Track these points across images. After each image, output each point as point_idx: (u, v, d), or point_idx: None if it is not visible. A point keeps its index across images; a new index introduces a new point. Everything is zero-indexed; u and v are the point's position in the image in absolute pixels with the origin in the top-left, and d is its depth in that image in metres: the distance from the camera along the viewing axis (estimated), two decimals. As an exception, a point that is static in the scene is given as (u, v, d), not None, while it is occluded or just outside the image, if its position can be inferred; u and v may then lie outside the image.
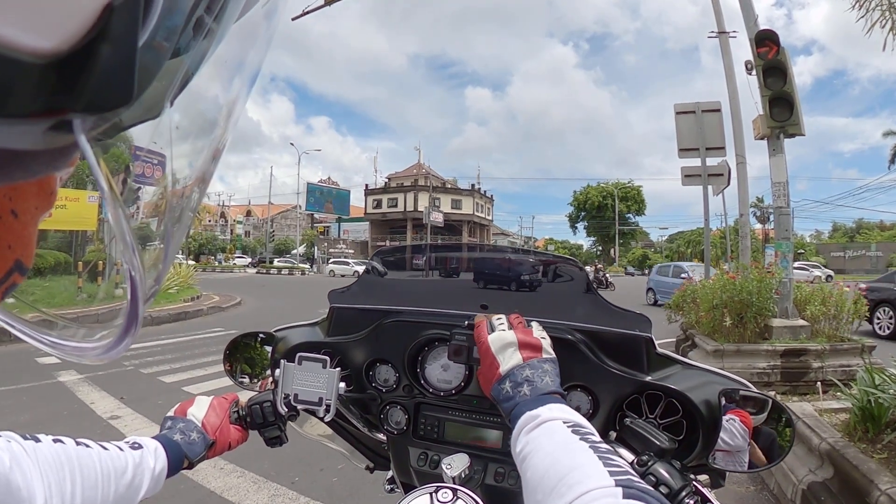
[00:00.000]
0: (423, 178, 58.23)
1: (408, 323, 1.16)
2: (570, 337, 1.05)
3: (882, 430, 3.08)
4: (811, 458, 3.34)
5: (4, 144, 0.18)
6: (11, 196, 0.23)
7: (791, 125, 6.90)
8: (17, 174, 0.20)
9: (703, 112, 9.67)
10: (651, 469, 0.83)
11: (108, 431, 4.43)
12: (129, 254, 0.23)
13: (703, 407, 0.98)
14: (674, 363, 1.07)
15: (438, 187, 58.60)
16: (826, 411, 3.78)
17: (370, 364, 1.19)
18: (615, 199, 62.90)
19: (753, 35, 7.07)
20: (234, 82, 0.27)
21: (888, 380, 3.22)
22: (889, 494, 2.43)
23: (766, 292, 6.79)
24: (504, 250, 1.59)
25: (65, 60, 0.17)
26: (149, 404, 5.25)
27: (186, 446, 0.93)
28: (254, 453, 3.88)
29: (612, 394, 1.04)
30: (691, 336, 7.90)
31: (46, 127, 0.19)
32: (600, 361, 1.05)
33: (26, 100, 0.17)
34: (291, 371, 1.04)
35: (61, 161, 0.22)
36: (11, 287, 0.25)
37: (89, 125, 0.19)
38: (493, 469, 1.07)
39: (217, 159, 0.28)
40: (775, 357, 6.31)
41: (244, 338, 1.29)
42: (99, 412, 4.97)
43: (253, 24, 0.27)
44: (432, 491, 0.81)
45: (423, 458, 1.12)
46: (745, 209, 8.96)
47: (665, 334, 9.16)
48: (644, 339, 1.07)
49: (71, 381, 5.99)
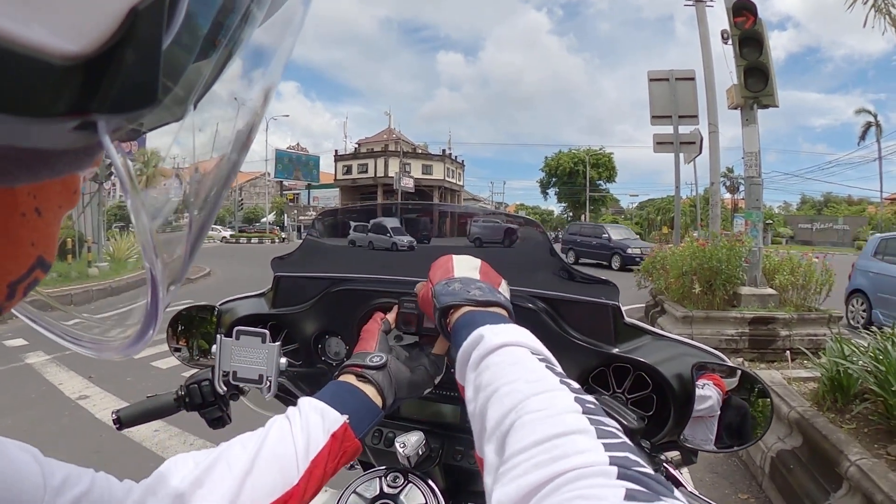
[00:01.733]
0: (394, 143, 57.44)
1: (356, 291, 1.08)
2: (531, 305, 0.98)
3: (851, 400, 3.17)
4: (780, 426, 3.42)
5: (31, 144, 0.19)
6: (36, 194, 0.24)
7: (765, 96, 6.95)
8: (44, 173, 0.21)
9: (677, 80, 9.68)
10: None
11: (77, 412, 4.31)
12: (151, 254, 0.23)
13: (675, 381, 0.91)
14: (643, 333, 0.99)
15: (409, 153, 57.88)
16: (795, 380, 3.87)
17: (319, 336, 1.13)
18: (586, 166, 63.11)
19: (731, 4, 7.02)
20: (255, 85, 0.27)
21: (857, 350, 3.30)
22: (858, 465, 2.50)
23: (736, 260, 6.93)
24: (464, 209, 1.48)
25: (90, 63, 0.18)
26: (118, 382, 5.14)
27: None
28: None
29: (576, 367, 0.97)
30: (661, 302, 8.05)
31: (71, 127, 0.19)
32: (563, 332, 0.98)
33: (53, 101, 0.17)
34: (229, 347, 0.95)
35: (86, 161, 0.22)
36: (33, 283, 0.26)
37: (113, 126, 0.20)
38: (452, 447, 1.00)
39: (244, 154, 0.28)
40: (744, 324, 6.47)
41: (188, 311, 1.21)
42: (67, 393, 4.84)
43: (281, 23, 0.27)
44: (382, 475, 0.77)
45: (378, 436, 1.03)
46: (717, 178, 9.08)
47: (634, 300, 9.30)
48: (611, 308, 0.99)
49: (39, 363, 5.82)
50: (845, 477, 2.56)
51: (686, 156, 10.46)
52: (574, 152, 67.60)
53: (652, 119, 9.92)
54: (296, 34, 0.28)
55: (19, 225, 0.23)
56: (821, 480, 2.77)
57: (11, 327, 7.27)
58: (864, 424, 2.95)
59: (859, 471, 2.48)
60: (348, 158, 59.05)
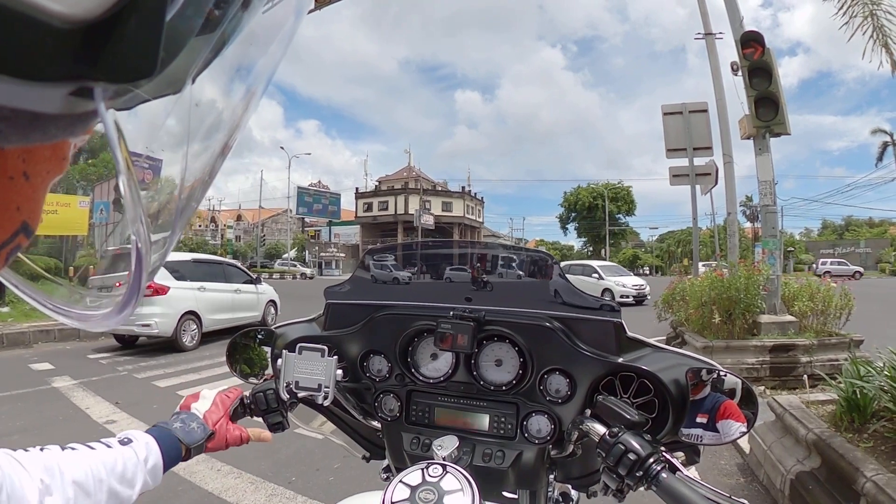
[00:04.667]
0: (414, 180, 58.14)
1: (398, 316, 1.24)
2: (549, 325, 1.14)
3: (868, 419, 3.16)
4: (798, 448, 3.42)
5: (25, 106, 0.19)
6: (25, 158, 0.23)
7: (776, 124, 7.02)
8: (35, 136, 0.20)
9: (690, 112, 9.80)
10: (621, 439, 0.88)
11: (105, 436, 4.33)
12: (138, 224, 0.23)
13: (673, 386, 1.05)
14: (644, 346, 1.14)
15: (429, 190, 58.54)
16: (812, 403, 3.86)
17: (364, 355, 1.27)
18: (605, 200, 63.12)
19: (739, 36, 7.19)
20: (255, 68, 0.27)
21: (873, 371, 3.30)
22: (874, 481, 2.50)
23: (754, 289, 6.90)
24: (488, 246, 1.67)
25: (91, 28, 0.18)
26: (144, 408, 5.27)
27: (184, 434, 0.95)
28: (251, 455, 3.93)
29: (587, 375, 1.11)
30: (681, 333, 8.00)
31: (67, 92, 0.19)
32: (575, 346, 1.12)
33: (51, 64, 0.17)
34: (293, 360, 1.11)
35: (79, 127, 0.22)
36: (16, 248, 0.25)
37: (110, 94, 0.20)
38: (481, 451, 1.14)
39: (232, 142, 0.28)
40: (764, 352, 6.41)
41: (242, 338, 1.37)
42: (94, 417, 4.98)
43: (280, 12, 0.27)
44: (423, 467, 0.87)
45: (416, 442, 1.19)
46: (733, 207, 9.08)
47: (654, 332, 9.25)
48: (614, 324, 1.14)
49: (65, 387, 5.98)
50: (862, 493, 2.55)
51: (702, 187, 10.51)
52: (593, 187, 67.70)
53: (667, 152, 10.03)
54: (286, 42, 0.28)
55: (6, 188, 0.23)
56: (839, 498, 2.76)
57: (37, 352, 7.52)
58: (881, 442, 2.94)
59: (875, 486, 2.48)
60: (369, 196, 59.86)
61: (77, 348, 8.89)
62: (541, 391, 1.15)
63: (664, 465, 0.84)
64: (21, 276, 0.29)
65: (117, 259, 0.36)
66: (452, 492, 0.83)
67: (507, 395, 1.18)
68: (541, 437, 1.14)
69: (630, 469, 0.86)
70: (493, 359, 1.19)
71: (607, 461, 0.88)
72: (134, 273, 0.25)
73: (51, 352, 8.39)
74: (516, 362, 1.17)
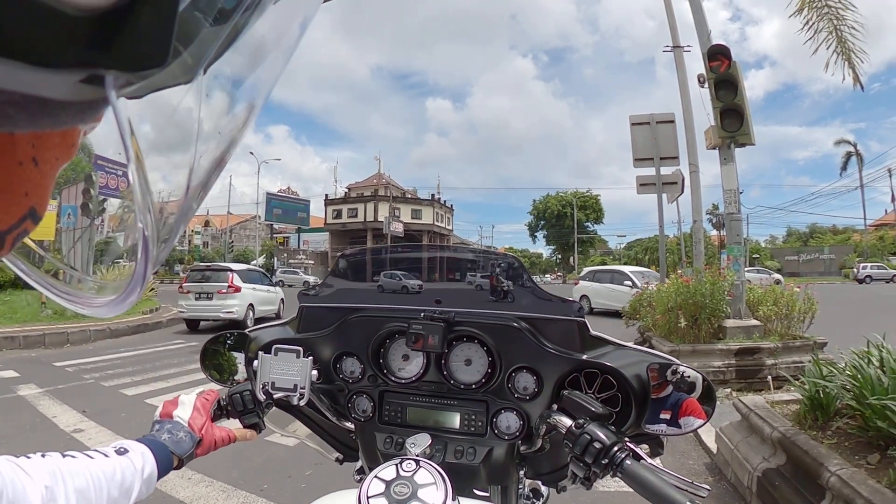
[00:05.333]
0: (384, 188, 58.04)
1: (370, 318, 1.27)
2: (516, 325, 1.19)
3: (831, 417, 3.28)
4: (764, 446, 3.52)
5: (36, 92, 0.19)
6: (35, 144, 0.23)
7: (741, 135, 7.25)
8: (45, 122, 0.20)
9: (658, 123, 10.05)
10: (587, 429, 0.92)
11: (73, 444, 4.29)
12: (146, 213, 0.23)
13: (635, 381, 1.12)
14: (607, 344, 1.20)
15: (398, 197, 58.48)
16: (777, 403, 3.98)
17: (337, 357, 1.30)
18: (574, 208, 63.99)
19: (706, 49, 7.40)
20: (266, 61, 0.27)
21: (835, 371, 3.42)
22: (839, 475, 2.59)
23: (719, 294, 7.07)
24: (457, 249, 1.71)
25: (104, 16, 0.18)
26: (111, 417, 5.14)
27: (174, 445, 0.96)
28: (222, 463, 3.85)
29: (553, 372, 1.16)
30: (648, 338, 8.15)
31: (78, 79, 0.19)
32: (542, 345, 1.17)
33: (63, 51, 0.18)
34: (268, 361, 1.12)
35: (89, 114, 0.22)
36: (23, 234, 0.25)
37: (121, 82, 0.20)
38: (453, 448, 1.18)
39: (240, 137, 0.28)
40: (730, 356, 6.57)
41: (212, 343, 1.38)
42: (62, 426, 4.84)
43: (294, 4, 0.27)
44: (397, 463, 0.90)
45: (389, 441, 1.22)
46: (699, 216, 9.32)
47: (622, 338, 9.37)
48: (578, 324, 1.20)
49: (31, 395, 5.81)
50: (827, 487, 2.65)
51: (669, 196, 10.77)
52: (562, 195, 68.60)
53: (635, 161, 10.27)
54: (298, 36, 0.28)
55: (15, 173, 0.23)
56: (805, 493, 2.85)
57: (2, 359, 7.27)
58: (844, 439, 3.05)
59: (840, 480, 2.57)
60: (338, 203, 59.50)
61: (42, 356, 8.60)
62: (509, 389, 1.19)
63: (628, 453, 0.88)
64: (27, 261, 0.29)
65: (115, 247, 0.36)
66: (426, 485, 0.86)
67: (477, 393, 1.21)
68: (510, 434, 1.18)
69: (596, 457, 0.89)
70: (462, 359, 1.23)
71: (574, 451, 0.92)
72: (140, 262, 0.25)
73: (16, 359, 8.09)
74: (485, 361, 1.21)
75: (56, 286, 0.30)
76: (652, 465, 0.87)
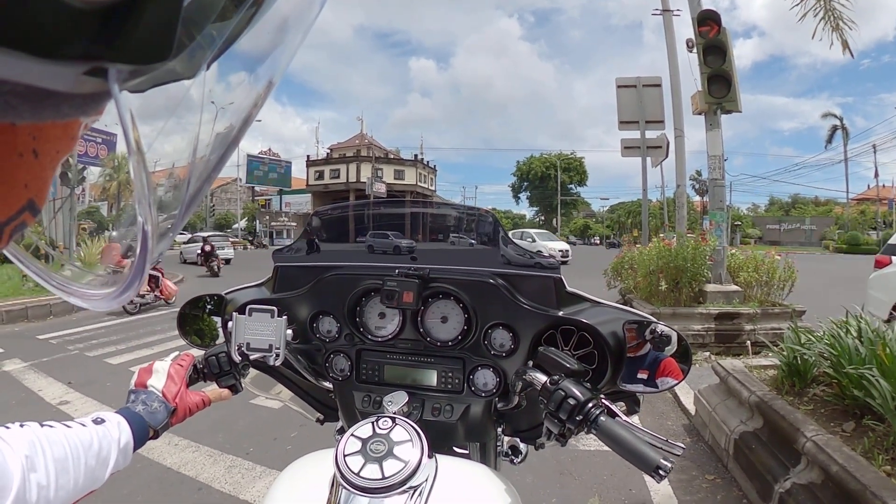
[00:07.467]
0: (366, 148, 57.21)
1: (346, 276, 1.26)
2: (492, 281, 1.18)
3: (808, 384, 3.38)
4: (742, 410, 3.62)
5: (40, 83, 0.19)
6: (36, 135, 0.23)
7: (728, 102, 7.23)
8: (47, 113, 0.21)
9: (644, 86, 9.99)
10: (561, 385, 0.93)
11: (59, 417, 4.14)
12: (145, 206, 0.23)
13: (611, 338, 1.11)
14: (583, 301, 1.19)
15: (381, 158, 57.72)
16: (755, 368, 4.08)
17: (314, 316, 1.29)
18: (558, 170, 64.01)
19: (696, 14, 7.30)
20: (272, 56, 0.27)
21: (813, 338, 3.51)
22: (815, 441, 2.68)
23: (701, 259, 7.16)
24: (432, 205, 1.70)
25: (109, 9, 0.18)
26: (97, 387, 5.13)
27: (149, 416, 0.96)
28: (208, 428, 3.90)
29: (529, 329, 1.16)
30: (629, 300, 8.26)
31: (82, 71, 0.19)
32: (517, 301, 1.17)
33: (67, 43, 0.17)
34: (243, 322, 1.11)
35: (91, 107, 0.22)
36: (21, 226, 0.25)
37: (124, 76, 0.20)
38: (430, 405, 1.19)
39: (242, 132, 0.28)
40: (709, 320, 6.70)
41: (190, 307, 1.36)
42: (48, 399, 4.82)
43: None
44: (373, 421, 0.90)
45: (367, 400, 1.23)
46: (683, 180, 9.37)
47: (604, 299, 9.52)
48: (554, 280, 1.19)
49: (16, 370, 5.75)
50: (803, 452, 2.74)
51: (653, 160, 10.79)
52: (545, 157, 68.41)
53: (620, 124, 10.22)
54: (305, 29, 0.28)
55: (15, 165, 0.23)
56: (781, 457, 2.95)
57: (-14, 337, 7.15)
58: (821, 406, 3.15)
59: (815, 446, 2.66)
60: (320, 164, 58.59)
61: (26, 329, 8.47)
62: (485, 346, 1.20)
63: (603, 409, 0.89)
64: (26, 252, 0.30)
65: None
66: (402, 442, 0.86)
67: (454, 350, 1.21)
68: (487, 390, 1.19)
69: (570, 413, 0.90)
70: (438, 316, 1.23)
71: (549, 407, 0.92)
72: (139, 255, 0.25)
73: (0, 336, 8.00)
74: (461, 318, 1.20)
75: (55, 278, 0.30)
76: (627, 422, 0.88)
